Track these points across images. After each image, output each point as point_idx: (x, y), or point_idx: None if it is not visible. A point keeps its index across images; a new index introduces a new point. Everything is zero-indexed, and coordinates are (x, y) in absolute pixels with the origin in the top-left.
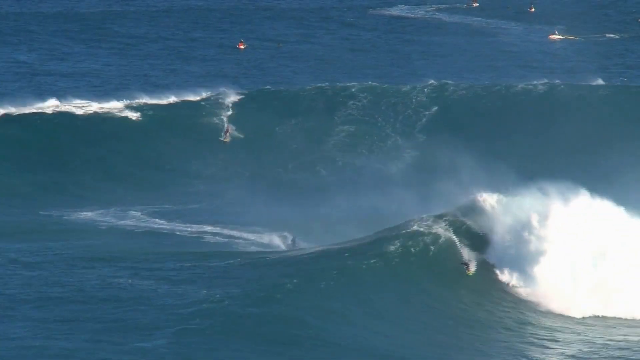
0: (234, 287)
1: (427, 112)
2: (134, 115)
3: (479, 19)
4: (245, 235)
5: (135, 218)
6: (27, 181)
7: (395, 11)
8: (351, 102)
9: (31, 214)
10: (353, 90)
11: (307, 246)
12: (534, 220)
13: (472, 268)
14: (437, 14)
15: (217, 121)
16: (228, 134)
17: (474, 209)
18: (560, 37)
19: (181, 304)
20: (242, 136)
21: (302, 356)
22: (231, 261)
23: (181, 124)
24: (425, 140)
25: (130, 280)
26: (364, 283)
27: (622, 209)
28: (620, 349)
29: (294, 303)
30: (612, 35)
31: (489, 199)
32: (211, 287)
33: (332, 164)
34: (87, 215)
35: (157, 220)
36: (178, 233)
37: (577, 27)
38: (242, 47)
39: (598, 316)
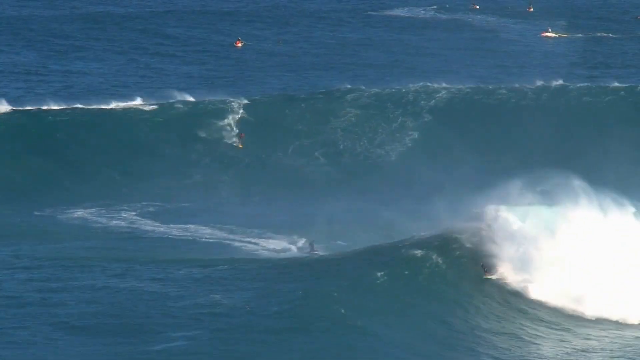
0: (248, 291)
1: (430, 115)
2: (134, 115)
3: (478, 19)
4: (253, 239)
5: (129, 219)
6: (24, 175)
7: (394, 12)
8: (352, 104)
9: (25, 213)
10: (355, 92)
11: (325, 251)
12: (541, 228)
13: (490, 273)
14: (437, 15)
15: (222, 123)
16: (241, 139)
17: (485, 218)
18: (554, 34)
19: (192, 306)
20: (251, 139)
21: (310, 342)
22: (243, 266)
23: (184, 124)
24: (428, 145)
25: (136, 284)
26: (380, 286)
27: (622, 211)
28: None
29: (308, 302)
30: (606, 34)
31: (498, 209)
32: (223, 290)
33: (341, 166)
34: (81, 214)
35: (155, 222)
36: (180, 235)
37: (574, 26)
38: (239, 44)
39: (603, 317)
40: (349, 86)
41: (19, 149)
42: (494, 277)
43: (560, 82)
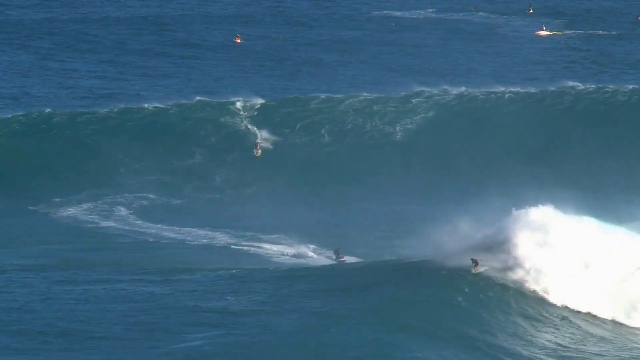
0: (264, 295)
1: (421, 121)
2: (137, 116)
3: (477, 20)
4: (264, 245)
5: (129, 220)
6: (25, 169)
7: (395, 14)
8: (356, 108)
9: (20, 208)
10: (356, 97)
11: (351, 258)
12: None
13: (479, 268)
14: (435, 17)
15: (226, 123)
16: (259, 146)
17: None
18: (548, 32)
19: (206, 309)
20: (263, 144)
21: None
22: (255, 271)
23: (188, 124)
24: (426, 149)
25: (145, 289)
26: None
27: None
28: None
29: (324, 301)
30: (602, 32)
31: (539, 212)
32: (238, 294)
33: (355, 170)
34: (75, 211)
35: (163, 225)
36: (182, 239)
37: (572, 25)
38: (238, 41)
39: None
40: (357, 94)
41: (23, 146)
42: (482, 270)
43: (540, 84)
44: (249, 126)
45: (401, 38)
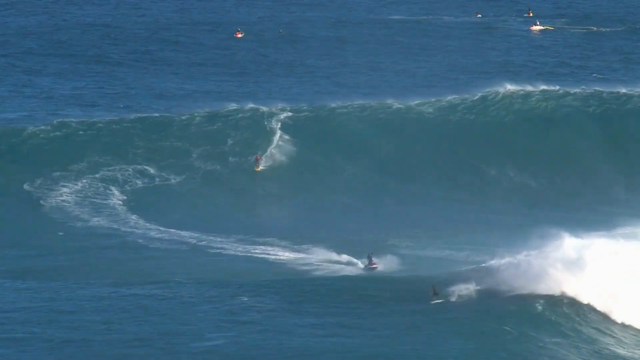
0: (279, 299)
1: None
2: (145, 121)
3: (478, 23)
4: (271, 249)
5: (131, 221)
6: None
7: (396, 16)
8: (360, 117)
9: (13, 194)
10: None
11: (384, 266)
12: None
13: (439, 297)
14: (439, 20)
15: (232, 129)
16: (260, 161)
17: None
18: (541, 27)
19: (223, 311)
20: (271, 158)
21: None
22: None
23: (199, 131)
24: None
25: (154, 292)
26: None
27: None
28: None
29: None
30: (597, 29)
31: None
32: (256, 296)
33: (369, 176)
34: (68, 201)
35: (174, 229)
36: (180, 241)
37: (569, 22)
38: (239, 35)
39: None
40: (359, 102)
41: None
42: (441, 300)
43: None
44: (254, 131)
45: (399, 39)
